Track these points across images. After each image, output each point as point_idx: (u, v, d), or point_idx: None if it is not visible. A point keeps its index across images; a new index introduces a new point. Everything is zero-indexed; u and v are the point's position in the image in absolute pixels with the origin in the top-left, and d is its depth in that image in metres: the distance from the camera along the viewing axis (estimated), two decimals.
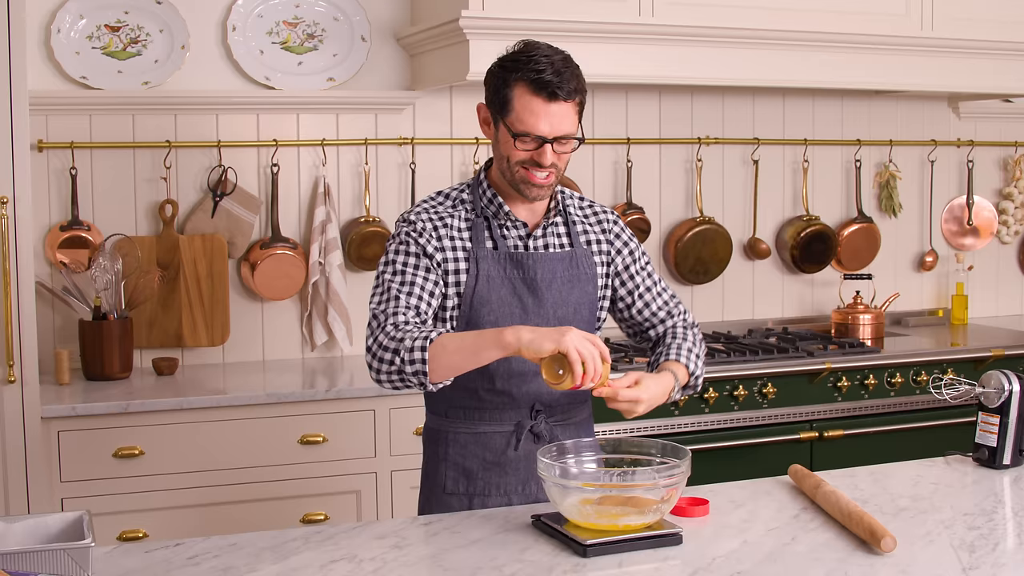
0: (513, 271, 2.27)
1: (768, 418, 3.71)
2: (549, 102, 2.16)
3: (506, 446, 2.30)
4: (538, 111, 2.16)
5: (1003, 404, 2.42)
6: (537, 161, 2.19)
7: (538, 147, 2.19)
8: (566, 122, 2.19)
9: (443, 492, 2.34)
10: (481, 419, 2.30)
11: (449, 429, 2.33)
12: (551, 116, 2.17)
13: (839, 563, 1.87)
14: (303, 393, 3.30)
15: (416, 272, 2.23)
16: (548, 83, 2.15)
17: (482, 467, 2.31)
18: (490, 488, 2.31)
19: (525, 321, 2.26)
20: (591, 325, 2.36)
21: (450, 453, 2.33)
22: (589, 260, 2.35)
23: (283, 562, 1.89)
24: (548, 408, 2.31)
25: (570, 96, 2.18)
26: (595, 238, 2.39)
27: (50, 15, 3.55)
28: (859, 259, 4.53)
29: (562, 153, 2.22)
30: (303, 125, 3.83)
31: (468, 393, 2.29)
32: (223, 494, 3.22)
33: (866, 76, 3.94)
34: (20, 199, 3.03)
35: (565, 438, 2.28)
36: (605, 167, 4.18)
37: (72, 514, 1.89)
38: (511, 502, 2.31)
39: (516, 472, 2.31)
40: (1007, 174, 4.82)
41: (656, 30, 3.61)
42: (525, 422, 2.29)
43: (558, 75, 2.16)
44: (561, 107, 2.17)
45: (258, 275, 3.73)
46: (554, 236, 2.34)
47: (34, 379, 3.07)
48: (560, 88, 2.16)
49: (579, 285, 2.32)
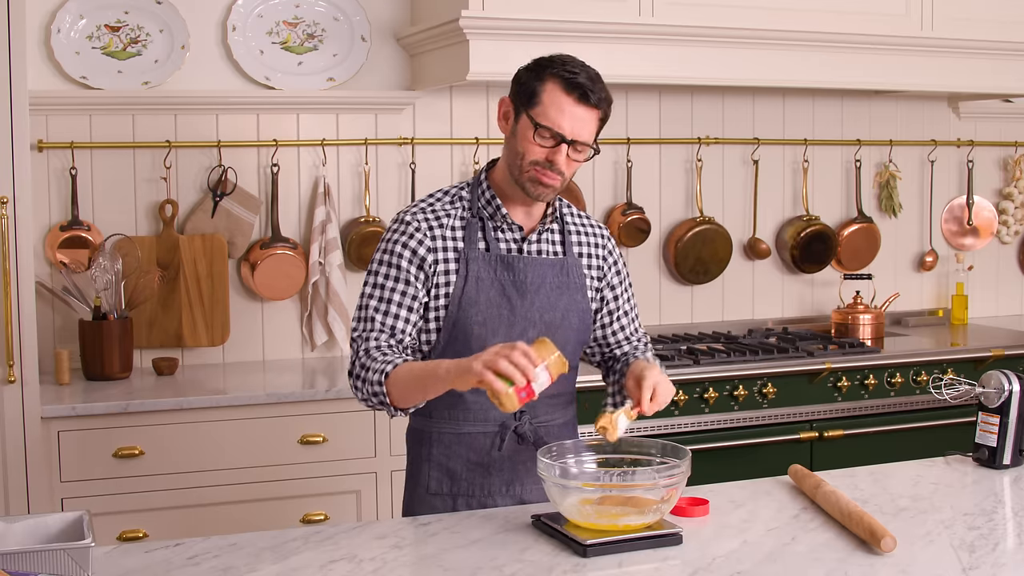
0: (503, 273, 2.28)
1: (768, 418, 3.71)
2: (578, 103, 2.19)
3: (490, 447, 2.30)
4: (565, 108, 2.18)
5: (1003, 404, 2.42)
6: (550, 160, 2.20)
7: (555, 145, 2.20)
8: (587, 128, 2.21)
9: (426, 492, 2.33)
10: (465, 419, 2.30)
11: (433, 429, 2.33)
12: (576, 118, 2.19)
13: (839, 563, 1.87)
14: (303, 393, 3.30)
15: (395, 287, 2.25)
16: (581, 84, 2.18)
17: (466, 468, 2.31)
18: (474, 489, 2.31)
19: (512, 323, 2.26)
20: (581, 333, 2.37)
21: (434, 453, 2.33)
22: (579, 271, 2.37)
23: (283, 562, 1.89)
24: (532, 409, 2.30)
25: (599, 104, 2.21)
26: (587, 251, 2.40)
27: (50, 15, 3.55)
28: (859, 259, 4.53)
29: (574, 160, 2.23)
30: (303, 125, 3.83)
31: (452, 392, 2.26)
32: (223, 494, 3.22)
33: (866, 76, 3.94)
34: (20, 199, 3.03)
35: (549, 439, 2.29)
36: (605, 167, 4.18)
37: (72, 514, 1.89)
38: (495, 503, 2.31)
39: (500, 473, 2.31)
40: (1007, 174, 4.82)
41: (656, 30, 3.61)
42: (509, 423, 2.29)
43: (592, 81, 2.20)
44: (587, 112, 2.20)
45: (258, 275, 3.73)
46: (548, 243, 2.35)
47: (34, 379, 3.07)
48: (592, 92, 2.19)
49: (568, 292, 2.33)
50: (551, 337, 2.22)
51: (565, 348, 2.29)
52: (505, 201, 2.31)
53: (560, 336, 2.29)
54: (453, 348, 2.26)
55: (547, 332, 2.27)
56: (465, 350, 2.22)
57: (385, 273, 2.26)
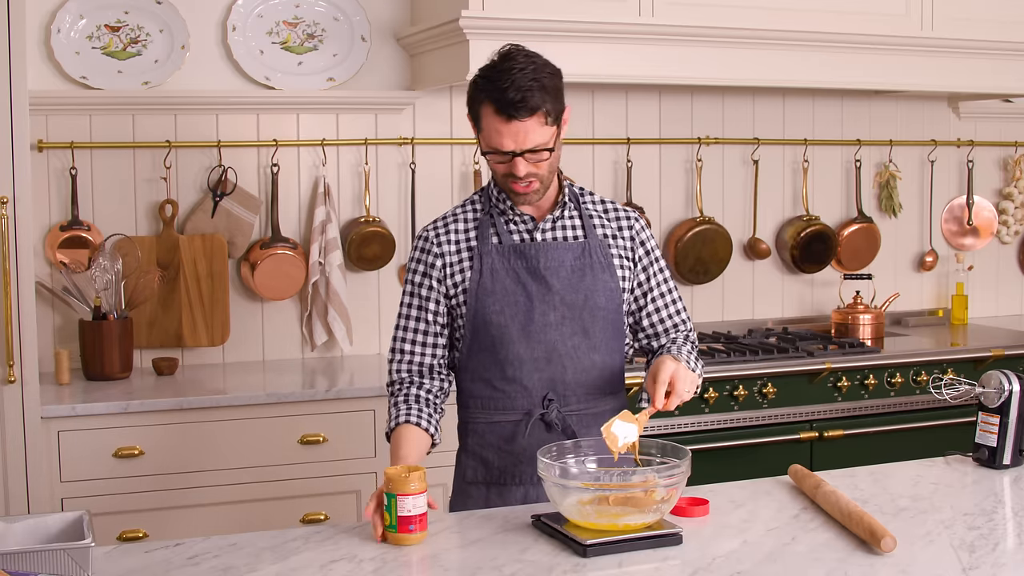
0: (517, 261, 2.32)
1: (768, 418, 3.71)
2: (511, 121, 2.20)
3: (519, 434, 2.32)
4: (501, 130, 2.22)
5: (1003, 404, 2.42)
6: (512, 173, 2.25)
7: (510, 159, 2.24)
8: (532, 136, 2.22)
9: (464, 481, 2.40)
10: (495, 408, 2.34)
11: (469, 419, 2.39)
12: (515, 134, 2.21)
13: (839, 563, 1.87)
14: (303, 393, 3.30)
15: (411, 308, 2.38)
16: (508, 103, 2.19)
17: (497, 456, 2.35)
18: (505, 477, 2.35)
19: (530, 309, 2.30)
20: (612, 313, 2.36)
21: (470, 443, 2.39)
22: (604, 250, 2.37)
23: (283, 562, 1.89)
24: (563, 398, 2.32)
25: (531, 113, 2.21)
26: (611, 232, 2.40)
27: (50, 15, 3.55)
28: (859, 259, 4.53)
29: (538, 162, 2.25)
30: (303, 125, 3.83)
31: (483, 383, 2.34)
32: (223, 494, 3.22)
33: (866, 76, 3.94)
34: (20, 199, 3.03)
35: (580, 429, 2.30)
36: (605, 167, 4.18)
37: (72, 514, 1.89)
38: (526, 492, 2.34)
39: (531, 461, 2.31)
40: (1007, 174, 4.82)
41: (656, 30, 3.61)
42: (535, 411, 2.31)
43: (519, 92, 2.19)
44: (523, 124, 2.21)
45: (258, 275, 3.73)
46: (566, 229, 2.37)
47: (34, 379, 3.07)
48: (520, 107, 2.19)
49: (591, 273, 2.34)
50: (574, 318, 2.30)
51: (595, 329, 2.32)
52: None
53: (586, 317, 2.32)
54: (478, 339, 2.32)
55: (569, 314, 2.30)
56: (488, 340, 2.30)
57: (408, 302, 2.39)
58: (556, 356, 2.29)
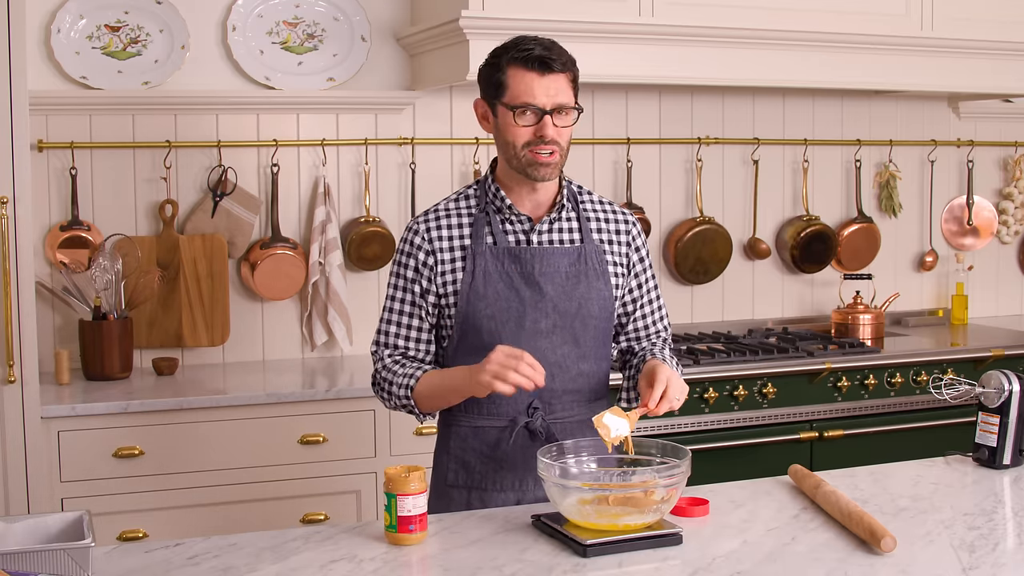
0: (511, 266, 2.29)
1: (768, 418, 3.71)
2: (543, 75, 2.22)
3: (503, 441, 2.31)
4: (532, 83, 2.22)
5: (1003, 404, 2.42)
6: (540, 135, 2.22)
7: (538, 120, 2.22)
8: (562, 93, 2.23)
9: (444, 484, 2.37)
10: (480, 412, 2.32)
11: (452, 422, 2.36)
12: (546, 87, 2.22)
13: (839, 563, 1.87)
14: (303, 393, 3.30)
15: (403, 303, 2.35)
16: (539, 57, 2.22)
17: (480, 461, 2.33)
18: (487, 482, 2.32)
19: (522, 315, 2.27)
20: (604, 322, 2.35)
21: (452, 445, 2.36)
22: (600, 256, 2.35)
23: (283, 562, 1.89)
24: (548, 405, 2.31)
25: (563, 68, 2.23)
26: (608, 236, 2.39)
27: (50, 15, 3.55)
28: (859, 259, 4.53)
29: (563, 127, 2.24)
30: (303, 125, 3.83)
31: None
32: (223, 494, 3.22)
33: (866, 76, 3.94)
34: (20, 199, 3.03)
35: (564, 437, 2.28)
36: (605, 167, 4.18)
37: (72, 514, 1.89)
38: (507, 498, 2.32)
39: (513, 468, 2.31)
40: (1007, 174, 4.82)
41: (656, 30, 3.61)
42: (520, 418, 2.30)
43: (548, 50, 2.23)
44: (555, 79, 2.22)
45: (258, 275, 3.73)
46: (563, 232, 2.34)
47: (34, 379, 3.07)
48: (552, 60, 2.22)
49: (586, 280, 2.32)
50: (565, 327, 2.28)
51: (585, 337, 2.31)
52: (510, 194, 2.32)
53: (577, 325, 2.30)
54: (466, 342, 2.29)
55: (561, 322, 2.28)
56: (477, 343, 2.26)
57: (395, 284, 2.36)
58: (545, 364, 2.21)
